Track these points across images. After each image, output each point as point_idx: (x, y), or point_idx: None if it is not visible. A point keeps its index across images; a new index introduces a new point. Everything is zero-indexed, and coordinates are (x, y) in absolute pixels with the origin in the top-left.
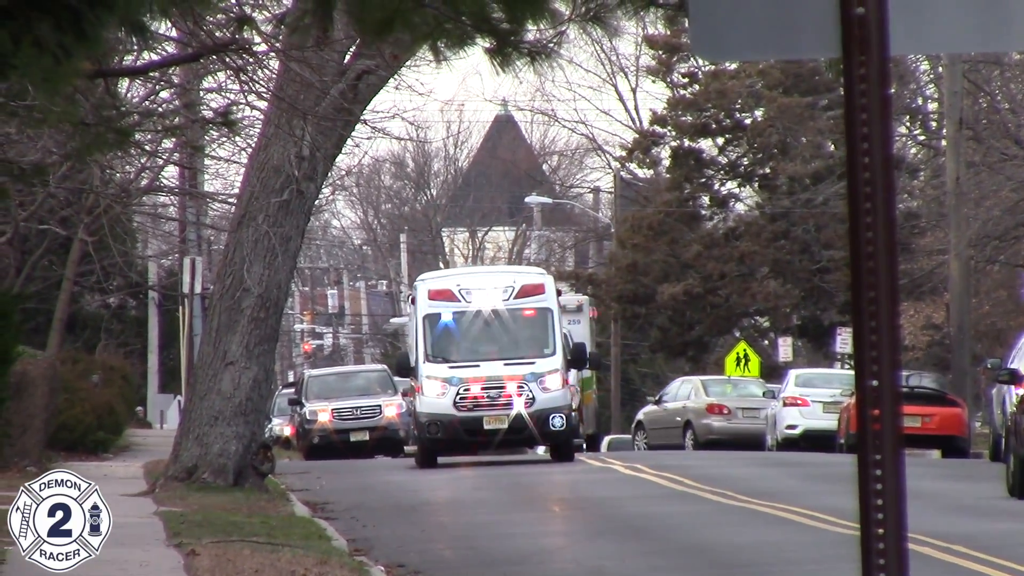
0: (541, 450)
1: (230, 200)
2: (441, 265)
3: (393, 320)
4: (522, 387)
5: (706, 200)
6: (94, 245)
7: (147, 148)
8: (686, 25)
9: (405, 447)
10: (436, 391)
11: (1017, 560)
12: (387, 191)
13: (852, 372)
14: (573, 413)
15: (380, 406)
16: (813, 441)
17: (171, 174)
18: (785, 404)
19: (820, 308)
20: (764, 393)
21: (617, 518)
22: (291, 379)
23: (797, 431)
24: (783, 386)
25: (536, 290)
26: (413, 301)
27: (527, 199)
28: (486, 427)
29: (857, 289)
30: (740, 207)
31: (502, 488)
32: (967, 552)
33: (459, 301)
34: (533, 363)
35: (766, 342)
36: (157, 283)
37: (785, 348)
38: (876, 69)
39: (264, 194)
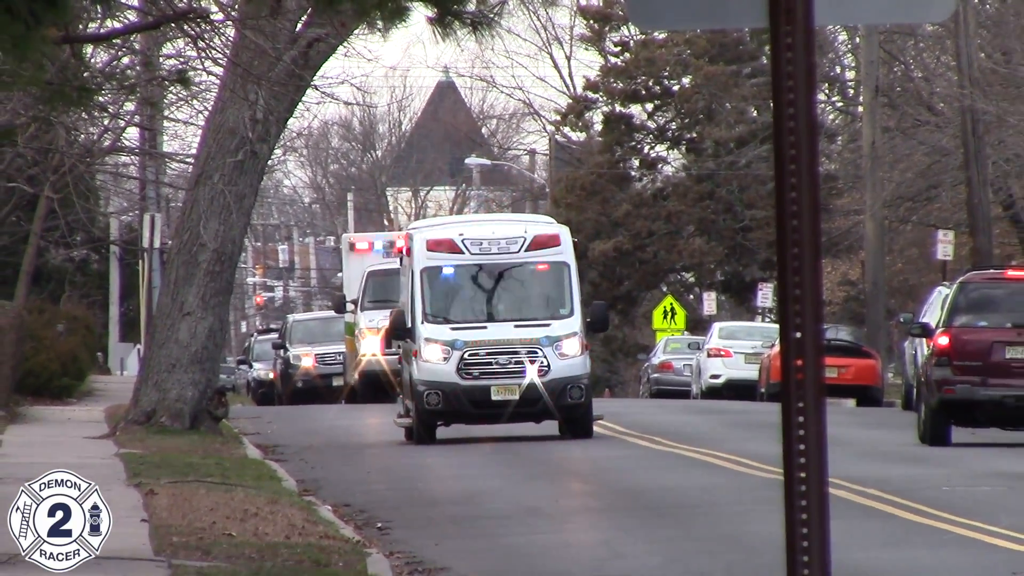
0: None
1: (188, 160)
2: (386, 223)
3: (340, 274)
4: (535, 352)
5: (636, 162)
6: (59, 202)
7: (109, 110)
8: None
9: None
10: (437, 356)
11: (925, 502)
12: (335, 152)
13: (773, 325)
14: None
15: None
16: (735, 390)
17: (132, 135)
18: (709, 355)
19: (743, 265)
20: (689, 345)
21: (552, 463)
22: (244, 329)
23: (720, 380)
24: (707, 338)
25: (551, 241)
26: (408, 252)
27: (467, 160)
28: (494, 398)
29: (782, 247)
30: (668, 169)
31: (445, 433)
32: (880, 495)
33: (462, 253)
34: (548, 325)
35: (691, 296)
36: (118, 238)
37: (710, 302)
38: (801, 39)
39: (220, 155)
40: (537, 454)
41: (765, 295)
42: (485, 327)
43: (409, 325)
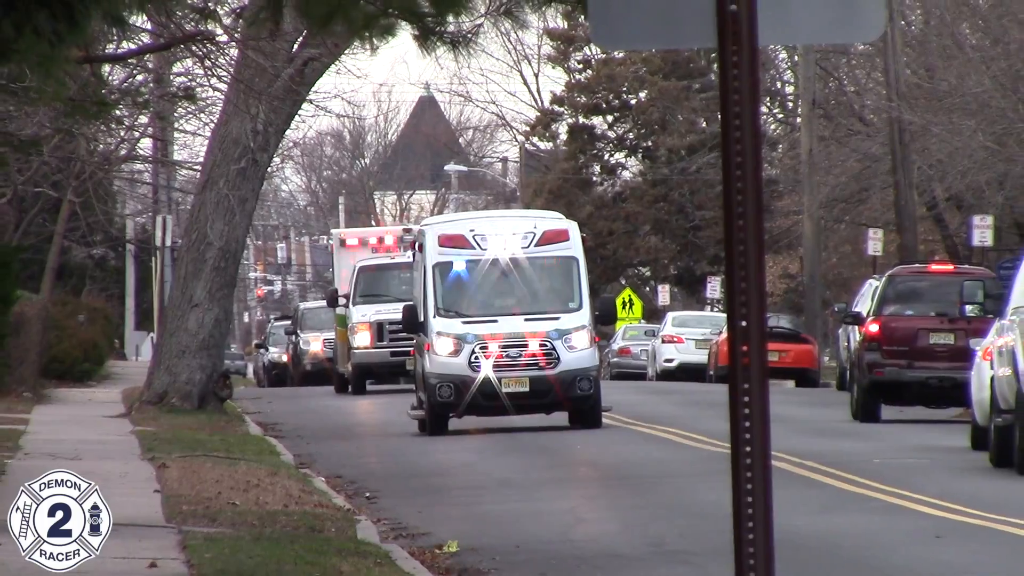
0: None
1: (195, 167)
2: (373, 223)
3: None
4: (546, 345)
5: (597, 168)
6: (80, 205)
7: (125, 123)
8: (581, 20)
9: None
10: (448, 349)
11: (858, 473)
12: (328, 160)
13: (721, 314)
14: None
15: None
16: (687, 373)
17: (146, 145)
18: (664, 341)
19: (693, 260)
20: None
21: (523, 439)
22: (246, 320)
23: (674, 364)
24: (662, 326)
25: (560, 236)
26: (420, 248)
27: (446, 167)
28: (504, 390)
29: (729, 244)
30: (626, 174)
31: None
32: (818, 467)
33: (473, 248)
34: (557, 319)
35: (648, 289)
36: (134, 237)
37: (664, 294)
38: (747, 58)
39: (224, 162)
40: (510, 434)
41: (714, 287)
42: (496, 321)
43: (421, 319)
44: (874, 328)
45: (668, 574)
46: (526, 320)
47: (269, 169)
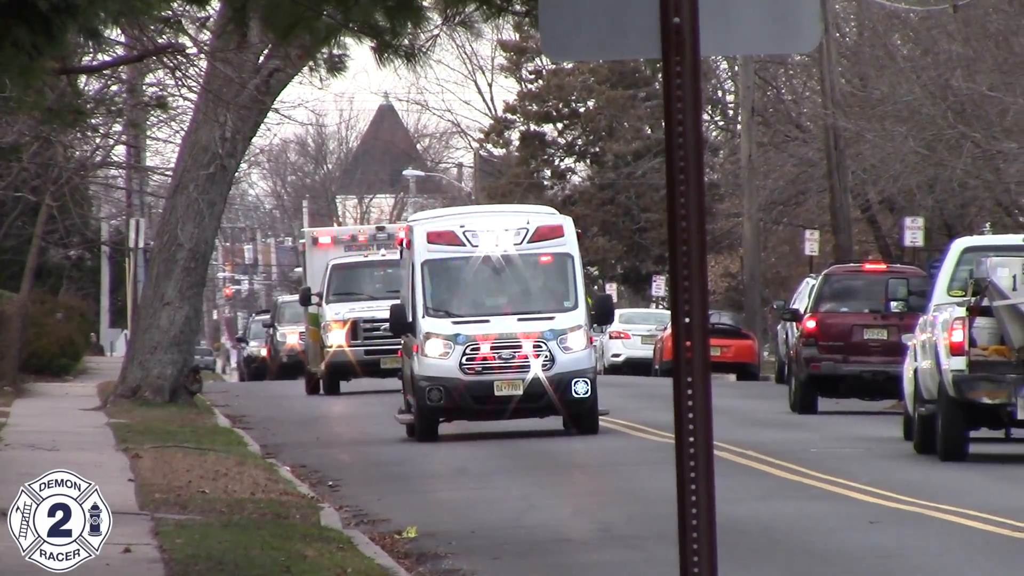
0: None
1: (167, 173)
2: (335, 226)
3: (297, 269)
4: (540, 346)
5: (548, 173)
6: (58, 209)
7: (100, 131)
8: (532, 32)
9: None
10: (438, 351)
11: (796, 462)
12: (292, 165)
13: (665, 311)
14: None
15: None
16: (633, 367)
17: (120, 152)
18: (611, 337)
19: (639, 260)
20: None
21: (476, 430)
22: (215, 317)
23: (621, 359)
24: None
25: (554, 232)
26: (408, 245)
27: (404, 172)
28: (497, 393)
29: (673, 244)
30: (575, 179)
31: (387, 405)
32: (758, 456)
33: (464, 245)
34: (552, 318)
35: (596, 287)
36: (108, 239)
37: (611, 292)
38: (689, 68)
39: (194, 168)
40: (465, 425)
41: (659, 286)
42: (487, 321)
43: (409, 319)
44: (811, 324)
45: (616, 557)
46: (519, 320)
47: (237, 174)
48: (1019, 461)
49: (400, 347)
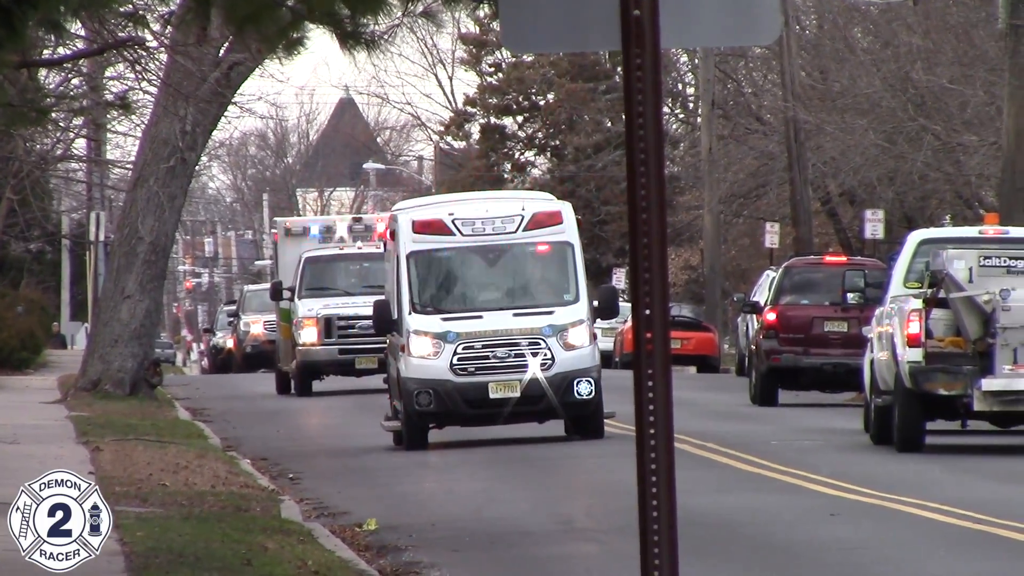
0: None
1: (128, 166)
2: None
3: (257, 262)
4: (538, 344)
5: (508, 166)
6: (19, 202)
7: (61, 124)
8: (492, 26)
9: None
10: (426, 350)
11: (756, 454)
12: (252, 159)
13: (626, 304)
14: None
15: None
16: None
17: (80, 146)
18: None
19: (600, 252)
20: None
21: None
22: (175, 310)
23: None
24: None
25: (552, 219)
26: (393, 236)
27: (365, 165)
28: (492, 396)
29: (634, 237)
30: (535, 172)
31: (356, 403)
32: (718, 448)
33: (454, 234)
34: (551, 313)
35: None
36: (69, 233)
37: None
38: (649, 60)
39: (155, 161)
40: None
41: (619, 278)
42: (480, 317)
43: (395, 316)
44: (772, 317)
45: (576, 551)
46: (515, 315)
47: (197, 168)
48: (975, 452)
49: (378, 347)
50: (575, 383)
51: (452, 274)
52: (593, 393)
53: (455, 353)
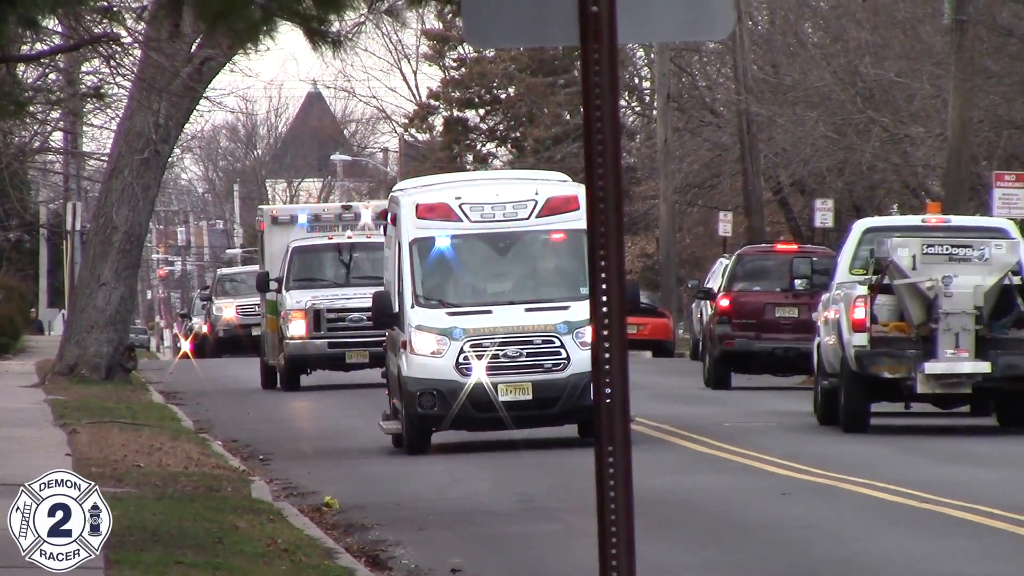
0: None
1: (103, 158)
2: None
3: (228, 251)
4: (552, 342)
5: (471, 158)
6: None
7: (39, 118)
8: (456, 22)
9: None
10: (430, 347)
11: (710, 436)
12: (223, 151)
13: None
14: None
15: None
16: None
17: (57, 138)
18: None
19: None
20: None
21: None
22: (149, 297)
23: None
24: None
25: (568, 204)
26: (394, 220)
27: (332, 157)
28: (502, 398)
29: (592, 226)
30: (497, 163)
31: (339, 397)
32: (673, 430)
33: (460, 220)
34: (567, 308)
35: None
36: (47, 223)
37: None
38: (607, 55)
39: (129, 153)
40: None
41: None
42: (490, 312)
43: (396, 310)
44: (725, 303)
45: (536, 529)
46: (528, 310)
47: (170, 159)
48: (918, 433)
49: (368, 340)
50: (592, 384)
51: (459, 264)
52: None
53: (461, 351)
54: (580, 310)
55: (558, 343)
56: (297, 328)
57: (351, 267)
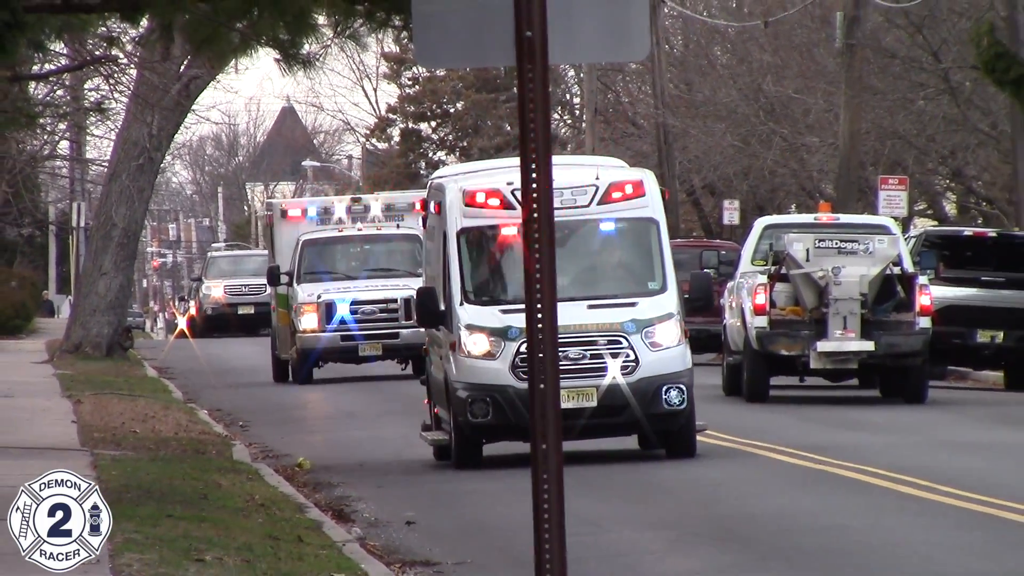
0: None
1: (103, 164)
2: (245, 209)
3: (214, 244)
4: (619, 343)
5: (424, 164)
6: (12, 195)
7: (48, 129)
8: (410, 46)
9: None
10: (482, 348)
11: None
12: (208, 157)
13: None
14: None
15: (266, 285)
16: None
17: (64, 147)
18: None
19: None
20: None
21: (393, 399)
22: (144, 285)
23: None
24: None
25: (634, 191)
26: (437, 208)
27: (303, 163)
28: (563, 405)
29: (527, 224)
30: None
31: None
32: None
33: (513, 208)
34: (634, 305)
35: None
36: (55, 220)
37: None
38: (540, 74)
39: (127, 160)
40: (381, 394)
41: None
42: None
43: (442, 307)
44: None
45: (482, 486)
46: (590, 308)
47: (162, 165)
48: (812, 403)
49: (381, 332)
50: (663, 390)
51: (513, 257)
52: (685, 403)
53: (517, 353)
54: (649, 307)
55: (625, 343)
56: (309, 321)
57: (362, 259)
